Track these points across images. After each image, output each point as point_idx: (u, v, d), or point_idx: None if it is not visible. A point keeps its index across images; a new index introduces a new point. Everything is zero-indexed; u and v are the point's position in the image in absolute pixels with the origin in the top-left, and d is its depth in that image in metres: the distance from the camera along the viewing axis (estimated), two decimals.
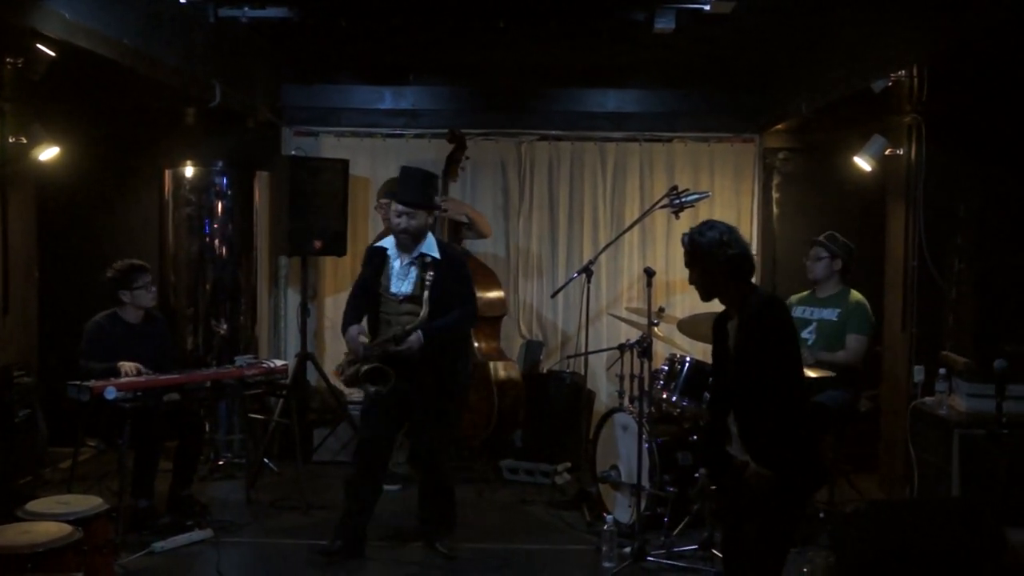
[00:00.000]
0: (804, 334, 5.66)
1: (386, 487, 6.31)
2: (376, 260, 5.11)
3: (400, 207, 4.90)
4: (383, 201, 6.59)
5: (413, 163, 7.26)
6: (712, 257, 3.50)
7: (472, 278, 5.22)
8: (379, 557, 5.10)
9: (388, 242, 5.11)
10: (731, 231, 3.56)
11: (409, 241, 4.97)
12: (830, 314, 5.59)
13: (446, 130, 6.85)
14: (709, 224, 3.61)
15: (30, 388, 5.98)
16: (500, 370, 6.55)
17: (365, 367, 4.80)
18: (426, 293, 4.82)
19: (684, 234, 3.65)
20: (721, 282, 3.54)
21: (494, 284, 6.75)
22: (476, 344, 6.40)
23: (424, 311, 4.81)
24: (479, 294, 6.34)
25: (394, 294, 4.99)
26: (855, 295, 5.62)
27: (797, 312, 5.73)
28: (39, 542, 3.76)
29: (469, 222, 6.70)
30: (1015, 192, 5.42)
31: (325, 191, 6.76)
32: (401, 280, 4.99)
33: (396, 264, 5.03)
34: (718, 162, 7.30)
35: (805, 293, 5.82)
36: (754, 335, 3.43)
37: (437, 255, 4.98)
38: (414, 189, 4.97)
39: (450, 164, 6.62)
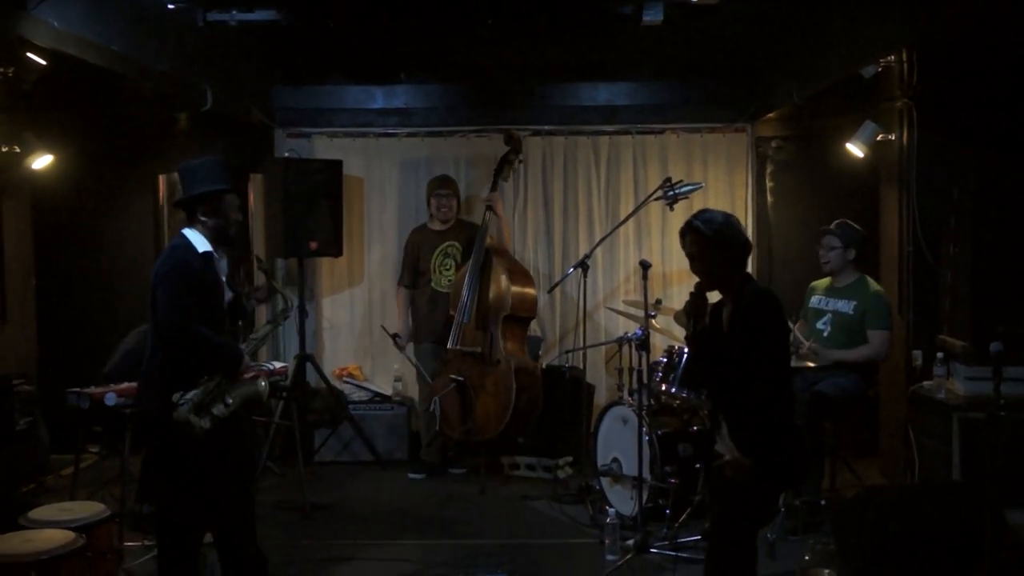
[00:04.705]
0: (819, 325, 5.65)
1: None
2: None
3: None
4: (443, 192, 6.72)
5: (407, 162, 7.34)
6: (725, 245, 3.43)
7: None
8: (383, 551, 5.12)
9: None
10: (733, 218, 3.52)
11: None
12: (845, 306, 5.56)
13: (438, 128, 6.81)
14: (709, 212, 3.53)
15: (30, 396, 5.99)
16: (522, 371, 6.31)
17: None
18: None
19: (686, 224, 3.51)
20: (726, 271, 3.47)
21: (530, 283, 6.60)
22: (502, 343, 6.33)
23: None
24: (518, 291, 6.34)
25: None
26: (873, 286, 5.59)
27: (814, 302, 5.72)
28: (43, 550, 3.77)
29: (498, 233, 6.66)
30: (1008, 174, 5.41)
31: (319, 192, 6.78)
32: None
33: None
34: (711, 152, 7.29)
35: (827, 280, 5.76)
36: (747, 328, 3.40)
37: None
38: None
39: (504, 164, 6.62)
